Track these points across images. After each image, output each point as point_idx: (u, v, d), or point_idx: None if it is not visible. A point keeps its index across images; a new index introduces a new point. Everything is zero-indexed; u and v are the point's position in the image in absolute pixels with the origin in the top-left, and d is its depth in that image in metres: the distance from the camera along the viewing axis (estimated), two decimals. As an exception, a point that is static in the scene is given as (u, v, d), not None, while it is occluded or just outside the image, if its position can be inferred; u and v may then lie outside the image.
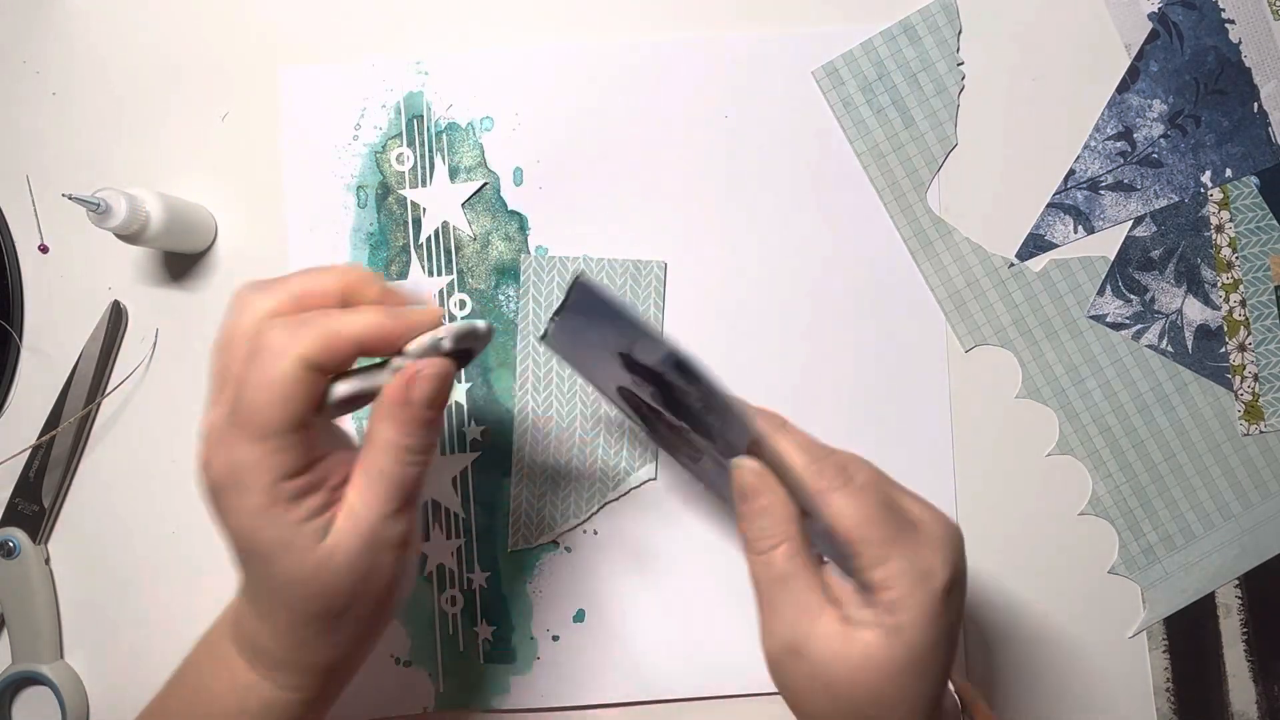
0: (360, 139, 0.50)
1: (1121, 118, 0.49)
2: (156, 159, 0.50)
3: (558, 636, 0.49)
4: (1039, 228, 0.49)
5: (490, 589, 0.49)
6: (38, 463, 0.49)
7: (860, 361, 0.49)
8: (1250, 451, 0.49)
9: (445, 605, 0.49)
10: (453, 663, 0.49)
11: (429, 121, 0.50)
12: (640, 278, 0.49)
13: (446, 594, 0.49)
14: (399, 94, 0.50)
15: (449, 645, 0.49)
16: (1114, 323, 0.49)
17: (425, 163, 0.50)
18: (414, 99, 0.50)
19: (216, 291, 0.50)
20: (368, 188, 0.50)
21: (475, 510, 0.49)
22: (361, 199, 0.50)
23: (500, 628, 0.49)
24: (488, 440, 0.49)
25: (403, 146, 0.50)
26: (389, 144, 0.50)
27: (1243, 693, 0.49)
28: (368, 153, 0.50)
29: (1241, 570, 0.49)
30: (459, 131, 0.50)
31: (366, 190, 0.50)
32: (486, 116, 0.50)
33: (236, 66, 0.50)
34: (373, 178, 0.50)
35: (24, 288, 0.50)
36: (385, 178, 0.50)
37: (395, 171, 0.50)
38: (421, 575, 0.49)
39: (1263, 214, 0.49)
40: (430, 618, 0.49)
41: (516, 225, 0.50)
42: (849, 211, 0.49)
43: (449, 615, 0.49)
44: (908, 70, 0.49)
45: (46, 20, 0.51)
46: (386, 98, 0.50)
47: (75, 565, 0.50)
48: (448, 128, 0.50)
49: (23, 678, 0.49)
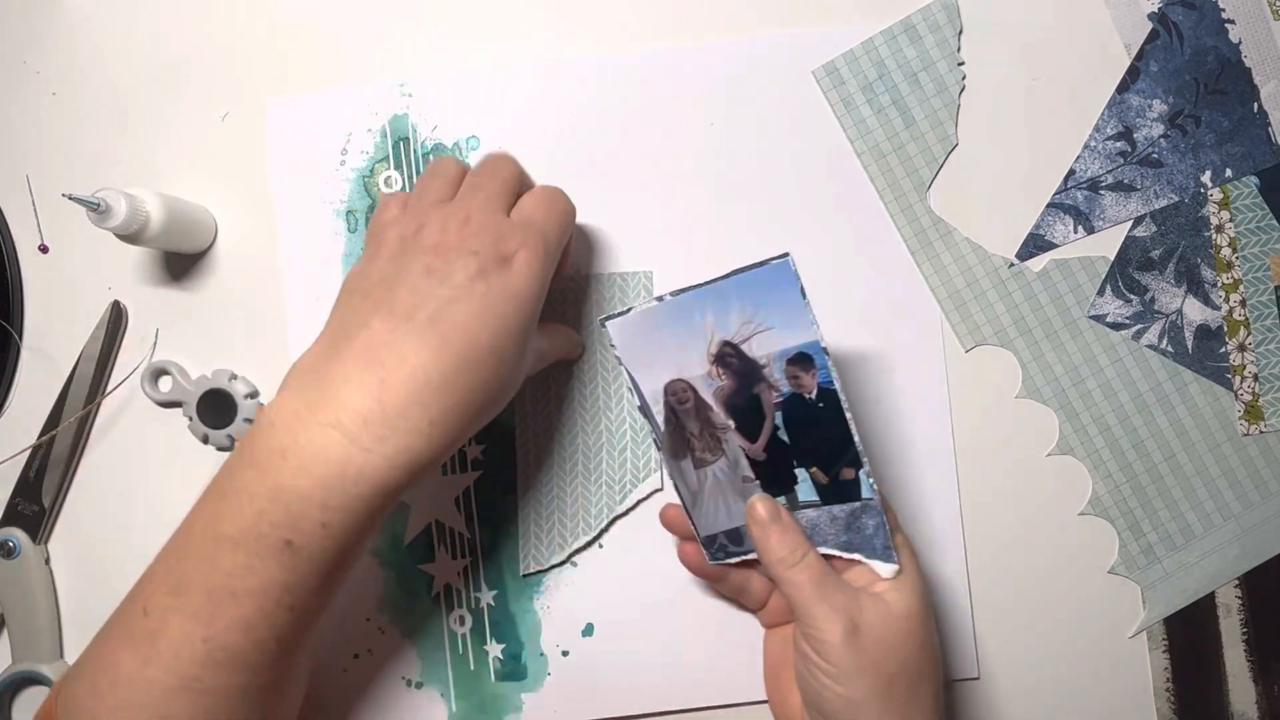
0: (347, 164, 0.50)
1: (1121, 118, 0.49)
2: (156, 159, 0.50)
3: (567, 652, 0.49)
4: (1039, 228, 0.49)
5: (498, 607, 0.49)
6: (38, 463, 0.49)
7: (860, 361, 0.49)
8: (1250, 451, 0.49)
9: (454, 625, 0.49)
10: (464, 682, 0.49)
11: (415, 143, 0.50)
12: (628, 288, 0.49)
13: (455, 614, 0.49)
14: (384, 117, 0.50)
15: (460, 665, 0.49)
16: (1114, 323, 0.49)
17: (413, 184, 0.50)
18: (399, 121, 0.50)
19: (216, 291, 0.50)
20: (357, 212, 0.50)
21: (480, 529, 0.49)
22: (351, 224, 0.50)
23: (510, 645, 0.49)
24: (488, 459, 0.49)
25: (390, 169, 0.50)
26: (376, 168, 0.50)
27: (1243, 693, 0.49)
28: (356, 178, 0.50)
29: (1241, 570, 0.49)
30: (445, 152, 0.50)
31: (356, 215, 0.50)
32: (472, 136, 0.50)
33: (236, 66, 0.50)
34: (361, 202, 0.50)
35: (24, 288, 0.50)
36: (374, 201, 0.50)
37: (384, 195, 0.50)
38: (429, 596, 0.49)
39: (1263, 214, 0.49)
40: (440, 638, 0.49)
41: None
42: (849, 212, 0.49)
43: (458, 635, 0.49)
44: (908, 70, 0.49)
45: (46, 20, 0.51)
46: (371, 121, 0.50)
47: (75, 565, 0.50)
48: (434, 149, 0.50)
49: (23, 678, 0.49)
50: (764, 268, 0.38)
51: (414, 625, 0.49)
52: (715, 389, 0.41)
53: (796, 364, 0.40)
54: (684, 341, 0.40)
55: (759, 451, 0.42)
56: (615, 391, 0.49)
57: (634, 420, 0.49)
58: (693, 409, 0.42)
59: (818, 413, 0.40)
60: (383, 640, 0.49)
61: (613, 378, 0.49)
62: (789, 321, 0.39)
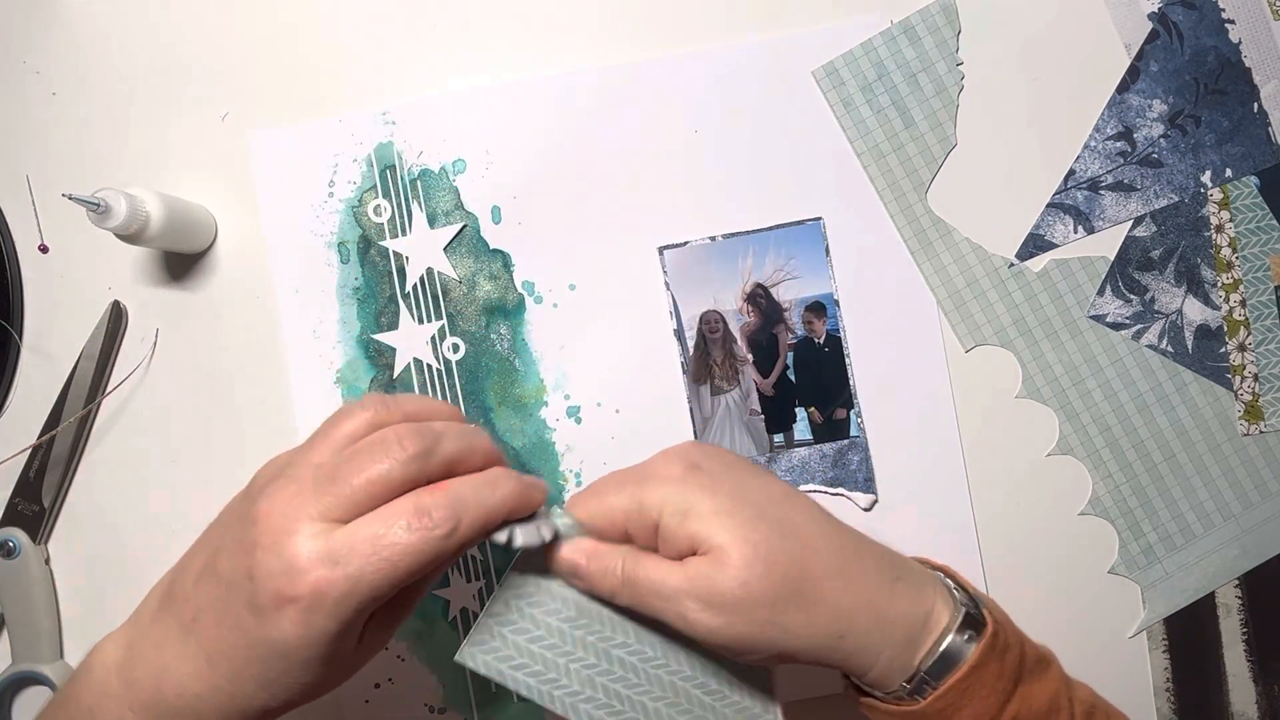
0: (336, 195, 0.50)
1: (1121, 118, 0.49)
2: (156, 159, 0.50)
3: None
4: (1039, 228, 0.49)
5: None
6: (38, 463, 0.49)
7: (860, 361, 0.49)
8: (1250, 451, 0.49)
9: None
10: (486, 705, 0.49)
11: (401, 171, 0.50)
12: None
13: None
14: (369, 146, 0.50)
15: (482, 687, 0.49)
16: (1114, 323, 0.49)
17: (403, 212, 0.50)
18: (384, 150, 0.50)
19: (216, 291, 0.50)
20: (349, 243, 0.50)
21: (492, 551, 0.49)
22: (344, 255, 0.50)
23: None
24: None
25: (379, 198, 0.50)
26: (364, 197, 0.50)
27: (1243, 693, 0.49)
28: (345, 208, 0.50)
29: (1241, 570, 0.49)
30: (432, 177, 0.50)
31: (348, 246, 0.50)
32: (458, 159, 0.50)
33: (237, 66, 0.50)
34: (352, 232, 0.50)
35: (24, 288, 0.50)
36: (365, 231, 0.50)
37: (374, 224, 0.50)
38: (446, 620, 0.49)
39: (1263, 214, 0.49)
40: (459, 663, 0.49)
41: (500, 263, 0.50)
42: (849, 211, 0.49)
43: None
44: (908, 70, 0.49)
45: (46, 20, 0.51)
46: (357, 151, 0.50)
47: (75, 565, 0.50)
48: (421, 175, 0.50)
49: (23, 678, 0.49)
50: (800, 225, 0.48)
51: (434, 651, 0.49)
52: (742, 324, 0.48)
53: (812, 310, 0.48)
54: (724, 277, 0.48)
55: (769, 387, 0.48)
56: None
57: None
58: (720, 339, 0.48)
59: (823, 357, 0.48)
60: (403, 668, 0.49)
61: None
62: (812, 273, 0.48)
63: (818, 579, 0.34)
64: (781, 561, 0.34)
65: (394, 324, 0.50)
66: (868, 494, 0.47)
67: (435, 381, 0.49)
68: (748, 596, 0.33)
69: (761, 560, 0.33)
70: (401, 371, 0.49)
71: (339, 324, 0.50)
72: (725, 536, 0.34)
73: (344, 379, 0.49)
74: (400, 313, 0.50)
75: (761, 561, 0.33)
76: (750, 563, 0.33)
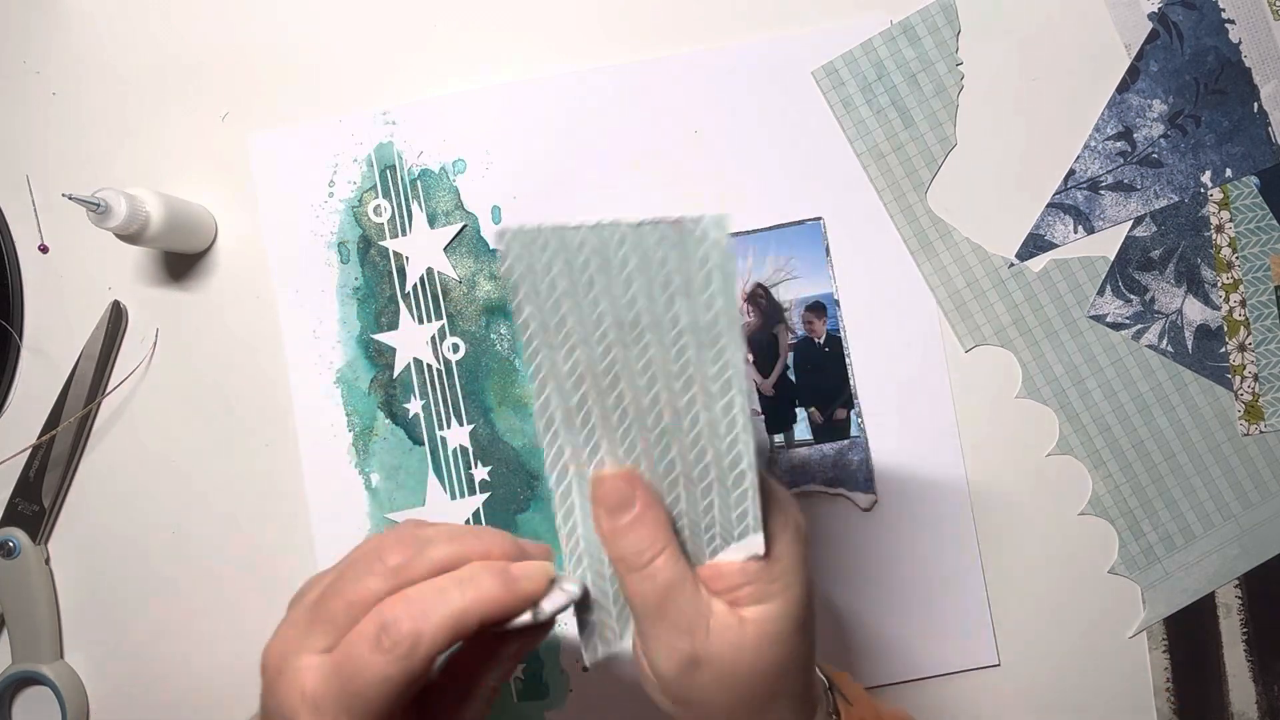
0: (336, 195, 0.50)
1: (1121, 118, 0.49)
2: (156, 159, 0.50)
3: (588, 668, 0.49)
4: (1039, 228, 0.49)
5: None
6: (38, 463, 0.49)
7: (860, 361, 0.49)
8: (1250, 451, 0.49)
9: None
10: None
11: (401, 171, 0.50)
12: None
13: None
14: (369, 147, 0.50)
15: None
16: (1114, 323, 0.49)
17: (403, 212, 0.50)
18: (384, 150, 0.50)
19: (216, 291, 0.50)
20: (349, 243, 0.50)
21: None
22: (344, 255, 0.50)
23: (530, 664, 0.49)
24: (495, 479, 0.49)
25: (379, 198, 0.50)
26: (364, 197, 0.50)
27: (1243, 693, 0.49)
28: (345, 208, 0.50)
29: (1241, 570, 0.49)
30: (432, 177, 0.50)
31: (348, 246, 0.50)
32: (458, 159, 0.50)
33: (236, 67, 0.50)
34: (352, 232, 0.50)
35: (24, 288, 0.50)
36: (365, 231, 0.50)
37: (374, 224, 0.50)
38: None
39: (1263, 214, 0.49)
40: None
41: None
42: (849, 211, 0.49)
43: None
44: (907, 71, 0.49)
45: (46, 20, 0.51)
46: (357, 151, 0.50)
47: (75, 565, 0.50)
48: (421, 175, 0.50)
49: (23, 678, 0.49)
50: (800, 225, 0.47)
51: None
52: (742, 325, 0.44)
53: (812, 310, 0.48)
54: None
55: (769, 387, 0.48)
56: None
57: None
58: None
59: (823, 357, 0.48)
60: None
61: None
62: (812, 273, 0.48)
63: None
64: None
65: (394, 324, 0.50)
66: (868, 494, 0.47)
67: (435, 381, 0.49)
68: (750, 683, 0.31)
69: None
70: (401, 371, 0.49)
71: (339, 324, 0.50)
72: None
73: (344, 379, 0.50)
74: (400, 313, 0.50)
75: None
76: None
